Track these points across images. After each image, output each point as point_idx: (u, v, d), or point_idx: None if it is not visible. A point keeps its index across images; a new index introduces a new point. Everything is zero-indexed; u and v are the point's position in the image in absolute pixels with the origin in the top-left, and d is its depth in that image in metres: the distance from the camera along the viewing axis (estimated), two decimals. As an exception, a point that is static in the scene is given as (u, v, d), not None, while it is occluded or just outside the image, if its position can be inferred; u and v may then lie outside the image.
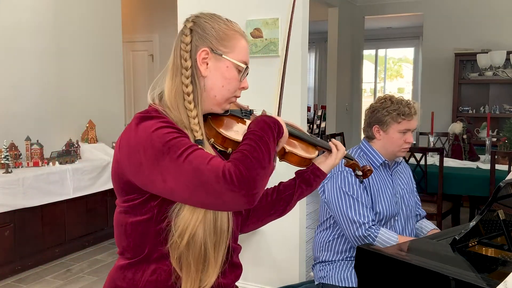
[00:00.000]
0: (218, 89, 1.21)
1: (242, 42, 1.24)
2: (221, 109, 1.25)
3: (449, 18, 6.50)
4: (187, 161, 1.04)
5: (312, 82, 11.33)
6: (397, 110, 2.03)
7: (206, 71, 1.20)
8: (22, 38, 4.18)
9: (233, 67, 1.22)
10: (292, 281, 2.88)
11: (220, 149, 1.22)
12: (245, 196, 1.04)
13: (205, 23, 1.22)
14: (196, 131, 1.16)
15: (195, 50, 1.19)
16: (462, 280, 1.23)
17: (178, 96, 1.17)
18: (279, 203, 1.40)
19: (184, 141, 1.08)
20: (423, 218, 2.32)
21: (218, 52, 1.20)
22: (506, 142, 3.99)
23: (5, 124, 4.03)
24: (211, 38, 1.20)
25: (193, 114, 1.17)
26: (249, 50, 1.28)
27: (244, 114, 1.32)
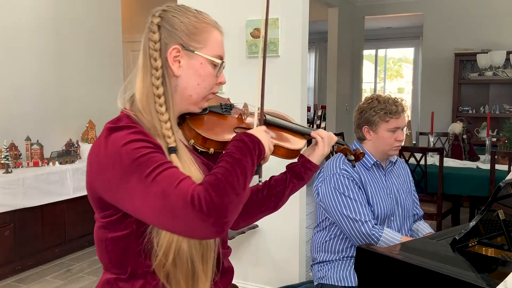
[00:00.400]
0: (193, 88, 1.13)
1: (215, 35, 1.16)
2: (199, 108, 1.18)
3: (449, 18, 6.50)
4: (155, 182, 0.95)
5: (312, 82, 11.32)
6: (384, 109, 2.03)
7: (178, 70, 1.12)
8: (22, 38, 4.18)
9: (208, 63, 1.13)
10: (292, 281, 2.88)
11: (202, 150, 1.17)
12: (214, 225, 0.94)
13: (173, 18, 1.12)
14: (169, 136, 1.07)
15: (165, 48, 1.11)
16: (462, 280, 1.23)
17: (149, 99, 1.09)
18: (271, 199, 1.35)
19: (155, 157, 0.99)
20: (420, 218, 2.31)
21: (190, 48, 1.12)
22: (506, 142, 3.99)
23: (5, 124, 4.02)
24: (181, 34, 1.11)
25: (164, 118, 1.08)
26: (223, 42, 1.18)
27: (224, 109, 1.26)
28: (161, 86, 1.09)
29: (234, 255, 3.18)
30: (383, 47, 10.95)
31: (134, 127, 1.04)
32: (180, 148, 1.08)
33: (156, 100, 1.08)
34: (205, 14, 1.18)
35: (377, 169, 2.11)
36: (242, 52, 3.00)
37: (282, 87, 2.92)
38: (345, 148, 1.45)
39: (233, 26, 3.00)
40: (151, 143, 1.02)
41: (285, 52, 2.90)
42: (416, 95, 9.85)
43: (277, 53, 2.90)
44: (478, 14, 6.28)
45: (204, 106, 1.19)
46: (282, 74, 2.92)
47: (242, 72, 3.01)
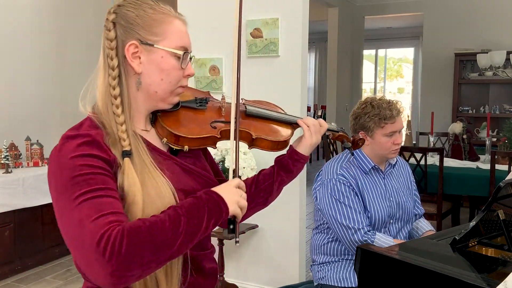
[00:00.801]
0: (157, 83, 1.07)
1: (175, 25, 1.09)
2: (168, 104, 1.11)
3: (449, 18, 6.50)
4: (78, 208, 0.90)
5: (312, 82, 11.33)
6: (379, 115, 1.97)
7: (139, 67, 1.06)
8: (22, 38, 4.18)
9: (169, 56, 1.07)
10: (292, 281, 2.88)
11: (177, 148, 1.12)
12: (112, 276, 0.85)
13: (127, 12, 1.06)
14: (124, 139, 1.01)
15: (122, 45, 1.05)
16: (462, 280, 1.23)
17: (107, 100, 1.04)
18: (259, 195, 1.28)
19: (93, 179, 0.93)
20: (421, 216, 2.30)
21: (148, 42, 1.05)
22: (506, 142, 3.99)
23: (5, 124, 4.02)
24: (138, 28, 1.05)
25: (120, 120, 1.03)
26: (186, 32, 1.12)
27: (199, 103, 1.19)
28: (117, 87, 1.05)
29: (234, 255, 3.19)
30: (383, 47, 10.95)
31: (88, 136, 0.99)
32: (138, 152, 1.03)
33: (113, 102, 1.04)
34: (163, 4, 1.11)
35: (375, 173, 2.08)
36: (242, 52, 2.98)
37: (282, 87, 2.92)
38: (340, 135, 1.38)
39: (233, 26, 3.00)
40: (100, 159, 0.97)
41: (285, 52, 2.90)
42: (416, 95, 9.85)
43: (277, 53, 2.90)
44: (478, 14, 6.28)
45: (174, 101, 1.12)
46: (282, 74, 2.92)
47: (242, 72, 3.00)
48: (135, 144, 1.03)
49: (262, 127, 1.23)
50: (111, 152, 1.00)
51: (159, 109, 1.13)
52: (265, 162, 1.61)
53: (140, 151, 1.03)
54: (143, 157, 1.03)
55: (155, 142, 1.12)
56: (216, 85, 3.11)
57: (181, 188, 1.08)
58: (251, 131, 1.21)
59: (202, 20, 3.08)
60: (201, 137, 1.13)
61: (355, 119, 2.06)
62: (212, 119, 1.18)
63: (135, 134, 1.06)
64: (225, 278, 2.98)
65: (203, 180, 1.16)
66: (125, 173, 0.99)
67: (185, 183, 1.11)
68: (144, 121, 1.13)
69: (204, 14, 3.08)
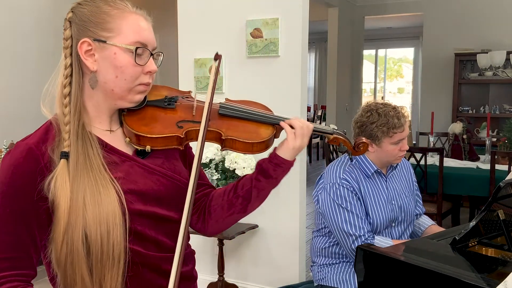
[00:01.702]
0: (113, 81, 1.03)
1: (130, 20, 1.04)
2: (129, 102, 1.07)
3: (449, 18, 6.51)
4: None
5: (312, 82, 11.33)
6: (387, 124, 1.92)
7: (94, 65, 1.03)
8: (21, 39, 4.18)
9: (123, 52, 1.02)
10: (292, 281, 2.88)
11: (139, 148, 1.08)
12: None
13: (82, 10, 1.04)
14: (65, 140, 1.00)
15: (76, 44, 1.03)
16: (462, 280, 1.23)
17: (59, 99, 1.04)
18: (237, 201, 1.18)
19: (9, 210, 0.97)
20: (421, 215, 2.29)
21: (100, 39, 1.02)
22: (506, 142, 3.99)
23: (5, 124, 4.03)
24: (90, 25, 1.02)
25: (66, 119, 1.01)
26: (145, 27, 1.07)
27: (167, 103, 1.13)
28: (68, 86, 1.03)
29: (234, 255, 3.19)
30: (383, 47, 10.95)
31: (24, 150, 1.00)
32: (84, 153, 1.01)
33: (62, 101, 1.03)
34: (121, 0, 1.07)
35: (378, 177, 2.05)
36: (242, 52, 3.00)
37: (282, 87, 2.92)
38: (335, 137, 1.24)
39: (233, 26, 3.00)
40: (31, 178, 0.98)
41: (285, 52, 2.90)
42: (416, 95, 9.85)
43: (277, 53, 2.89)
44: (478, 14, 6.28)
45: (136, 99, 1.08)
46: (282, 74, 2.92)
47: (242, 72, 3.01)
48: (83, 145, 1.01)
49: (235, 128, 1.14)
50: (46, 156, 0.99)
51: (121, 107, 1.09)
52: None
53: (88, 152, 1.01)
54: (91, 158, 1.01)
55: (118, 143, 1.09)
56: (216, 85, 3.10)
57: (136, 189, 1.05)
58: (222, 131, 1.12)
59: (202, 20, 3.08)
60: (163, 137, 1.08)
61: (360, 127, 1.99)
62: (180, 118, 1.12)
63: (89, 135, 1.03)
64: (225, 278, 2.98)
65: (168, 182, 1.12)
66: (55, 175, 0.98)
67: (144, 184, 1.07)
68: (108, 121, 1.10)
69: (204, 14, 3.08)
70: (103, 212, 0.98)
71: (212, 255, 3.21)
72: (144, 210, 1.06)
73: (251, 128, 1.15)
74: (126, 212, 1.01)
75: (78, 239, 0.97)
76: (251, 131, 1.14)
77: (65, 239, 0.98)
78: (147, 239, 1.07)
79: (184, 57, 3.17)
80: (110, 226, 0.99)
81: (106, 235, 0.98)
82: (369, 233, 1.95)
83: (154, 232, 1.08)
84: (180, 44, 3.17)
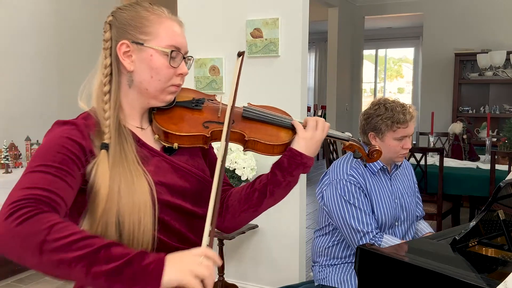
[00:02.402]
0: (148, 81, 1.12)
1: (166, 25, 1.13)
2: (161, 101, 1.15)
3: (449, 18, 6.51)
4: (22, 178, 0.96)
5: (312, 82, 11.32)
6: (392, 118, 1.95)
7: (131, 65, 1.11)
8: (22, 39, 4.18)
9: (159, 54, 1.11)
10: (292, 281, 2.88)
11: (167, 145, 1.15)
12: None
13: (122, 14, 1.13)
14: (105, 133, 1.07)
15: (115, 45, 1.11)
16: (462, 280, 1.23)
17: (98, 96, 1.12)
18: (254, 195, 1.23)
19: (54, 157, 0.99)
20: (421, 218, 2.29)
21: (138, 41, 1.11)
22: (506, 142, 3.99)
23: (5, 124, 4.03)
24: (129, 29, 1.11)
25: (106, 115, 1.09)
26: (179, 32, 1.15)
27: (194, 104, 1.21)
28: (108, 84, 1.11)
29: (234, 255, 3.19)
30: (383, 47, 10.95)
31: (74, 124, 1.06)
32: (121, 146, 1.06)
33: (103, 98, 1.11)
34: (158, 6, 1.15)
35: (383, 174, 2.06)
36: (242, 52, 3.00)
37: (282, 87, 2.92)
38: (351, 144, 1.31)
39: (233, 26, 3.00)
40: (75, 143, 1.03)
41: (285, 52, 2.90)
42: (416, 95, 9.85)
43: (277, 53, 2.90)
44: (478, 14, 6.28)
45: (167, 99, 1.16)
46: (282, 74, 2.92)
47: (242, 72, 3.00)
48: (120, 138, 1.07)
49: (258, 130, 1.21)
50: (90, 141, 1.05)
51: (153, 106, 1.17)
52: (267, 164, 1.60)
53: (124, 145, 1.07)
54: (126, 150, 1.07)
55: (148, 140, 1.16)
56: (216, 85, 3.11)
57: (165, 182, 1.11)
58: (245, 133, 1.19)
59: (202, 20, 3.08)
60: (191, 135, 1.14)
61: (366, 119, 2.02)
62: (206, 119, 1.19)
63: (125, 129, 1.10)
64: (225, 278, 2.98)
65: (193, 178, 1.18)
66: (97, 163, 1.03)
67: (171, 179, 1.13)
68: (140, 119, 1.18)
69: (204, 14, 3.08)
70: (136, 201, 1.04)
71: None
72: (171, 201, 1.11)
73: (272, 131, 1.22)
74: (156, 202, 1.06)
75: (112, 225, 1.02)
76: (272, 134, 1.21)
77: (100, 224, 1.02)
78: (172, 230, 1.12)
79: (184, 57, 3.16)
80: (142, 214, 1.04)
81: (137, 222, 1.03)
82: (376, 230, 1.95)
83: (178, 225, 1.14)
84: (180, 44, 3.17)
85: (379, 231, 1.97)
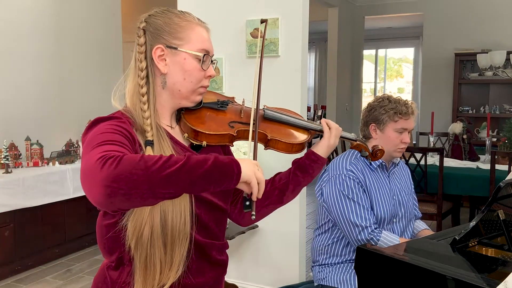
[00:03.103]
0: (181, 82, 1.20)
1: (197, 31, 1.22)
2: (191, 102, 1.23)
3: (449, 18, 6.51)
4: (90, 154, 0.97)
5: (312, 82, 11.32)
6: (395, 109, 2.02)
7: (165, 68, 1.19)
8: (22, 39, 4.18)
9: (191, 58, 1.19)
10: (292, 281, 2.88)
11: (196, 143, 1.22)
12: (100, 184, 0.90)
13: (156, 21, 1.20)
14: (148, 131, 1.14)
15: (150, 49, 1.19)
16: (462, 280, 1.23)
17: (135, 97, 1.18)
18: (274, 193, 1.36)
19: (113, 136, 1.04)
20: (417, 219, 2.31)
21: (172, 46, 1.18)
22: (506, 142, 4.00)
23: (5, 124, 4.03)
24: (164, 34, 1.19)
25: (146, 114, 1.16)
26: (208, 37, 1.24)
27: (220, 105, 1.30)
28: (145, 86, 1.18)
29: (234, 255, 3.19)
30: (383, 47, 10.95)
31: (120, 119, 1.12)
32: (160, 142, 1.14)
33: (141, 99, 1.17)
34: (188, 13, 1.25)
35: (381, 171, 2.09)
36: (242, 52, 3.00)
37: (282, 87, 2.92)
38: (358, 144, 1.46)
39: (233, 26, 3.00)
40: (127, 131, 1.09)
41: (285, 52, 2.90)
42: (416, 95, 9.85)
43: (277, 53, 2.89)
44: (478, 14, 6.28)
45: (197, 100, 1.24)
46: (282, 74, 2.92)
47: (242, 72, 3.01)
48: (158, 136, 1.15)
49: (278, 130, 1.31)
50: (136, 136, 1.12)
51: (183, 106, 1.24)
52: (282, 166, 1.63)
53: (162, 142, 1.15)
54: (164, 147, 1.14)
55: (178, 137, 1.24)
56: (216, 85, 3.11)
57: None
58: (267, 133, 1.28)
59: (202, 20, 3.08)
60: (219, 134, 1.22)
61: (369, 110, 2.10)
62: (231, 119, 1.28)
63: (160, 127, 1.17)
64: (225, 278, 2.97)
65: None
66: None
67: None
68: (170, 118, 1.25)
69: (204, 14, 3.07)
70: None
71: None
72: (204, 196, 1.20)
73: (290, 131, 1.34)
74: (193, 197, 1.16)
75: (158, 215, 1.10)
76: (291, 134, 1.33)
77: (149, 218, 1.10)
78: (201, 223, 1.20)
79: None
80: (182, 206, 1.13)
81: (179, 213, 1.12)
82: (375, 225, 1.97)
83: (207, 218, 1.22)
84: (180, 44, 3.17)
85: (377, 227, 1.99)
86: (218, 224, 1.27)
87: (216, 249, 1.26)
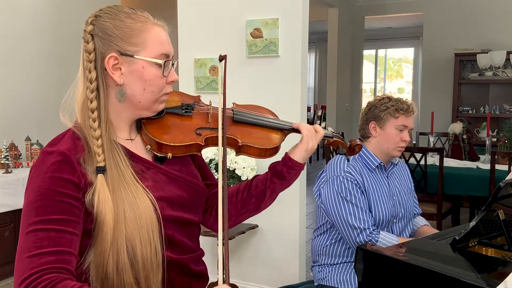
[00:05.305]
0: (140, 93, 1.05)
1: (153, 33, 1.06)
2: (152, 112, 1.10)
3: (449, 18, 6.51)
4: (26, 237, 0.91)
5: (312, 82, 11.33)
6: (395, 106, 2.03)
7: (121, 78, 1.04)
8: (22, 39, 4.18)
9: (150, 65, 1.05)
10: (292, 281, 2.88)
11: (160, 155, 1.10)
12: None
13: (105, 23, 1.04)
14: (98, 154, 1.00)
15: (101, 57, 1.03)
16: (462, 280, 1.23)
17: (84, 113, 1.04)
18: (251, 201, 1.25)
19: (52, 208, 0.94)
20: (417, 215, 2.30)
21: (127, 53, 1.03)
22: (506, 142, 3.99)
23: (5, 124, 4.03)
24: (116, 39, 1.03)
25: (96, 134, 1.01)
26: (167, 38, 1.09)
27: (184, 110, 1.16)
28: (95, 100, 1.03)
29: (234, 255, 3.19)
30: (383, 47, 10.95)
31: (63, 154, 0.98)
32: (117, 165, 1.02)
33: (90, 115, 1.03)
34: (141, 12, 1.08)
35: (380, 171, 2.08)
36: (242, 52, 3.00)
37: (282, 87, 2.92)
38: (335, 141, 1.33)
39: (233, 26, 3.00)
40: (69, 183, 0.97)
41: (285, 52, 2.90)
42: (416, 95, 9.85)
43: (277, 53, 2.90)
44: (478, 14, 6.28)
45: (159, 109, 1.11)
46: (282, 74, 2.92)
47: (242, 72, 3.01)
48: (114, 157, 1.02)
49: (249, 134, 1.19)
50: (82, 171, 0.99)
51: (143, 117, 1.11)
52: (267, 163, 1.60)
53: (119, 164, 1.02)
54: (122, 169, 1.02)
55: (139, 150, 1.11)
56: (216, 85, 3.10)
57: (164, 196, 1.08)
58: (238, 138, 1.17)
59: (202, 20, 3.08)
60: (185, 145, 1.11)
61: (369, 108, 2.09)
62: (198, 126, 1.15)
63: (116, 145, 1.04)
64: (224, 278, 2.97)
65: (189, 187, 1.15)
66: (96, 190, 0.98)
67: (169, 191, 1.10)
68: (129, 130, 1.12)
69: (204, 14, 3.08)
70: (142, 221, 1.01)
71: (212, 255, 3.21)
72: (174, 215, 1.09)
73: (263, 134, 1.21)
74: (161, 219, 1.04)
75: (124, 251, 0.99)
76: (263, 137, 1.20)
77: (111, 252, 0.99)
78: (174, 243, 1.11)
79: (184, 57, 3.17)
80: (150, 234, 1.01)
81: (148, 242, 1.01)
82: (373, 227, 1.96)
83: (179, 235, 1.12)
84: (180, 44, 3.17)
85: (376, 228, 1.98)
86: (191, 238, 1.17)
87: (193, 261, 1.18)
